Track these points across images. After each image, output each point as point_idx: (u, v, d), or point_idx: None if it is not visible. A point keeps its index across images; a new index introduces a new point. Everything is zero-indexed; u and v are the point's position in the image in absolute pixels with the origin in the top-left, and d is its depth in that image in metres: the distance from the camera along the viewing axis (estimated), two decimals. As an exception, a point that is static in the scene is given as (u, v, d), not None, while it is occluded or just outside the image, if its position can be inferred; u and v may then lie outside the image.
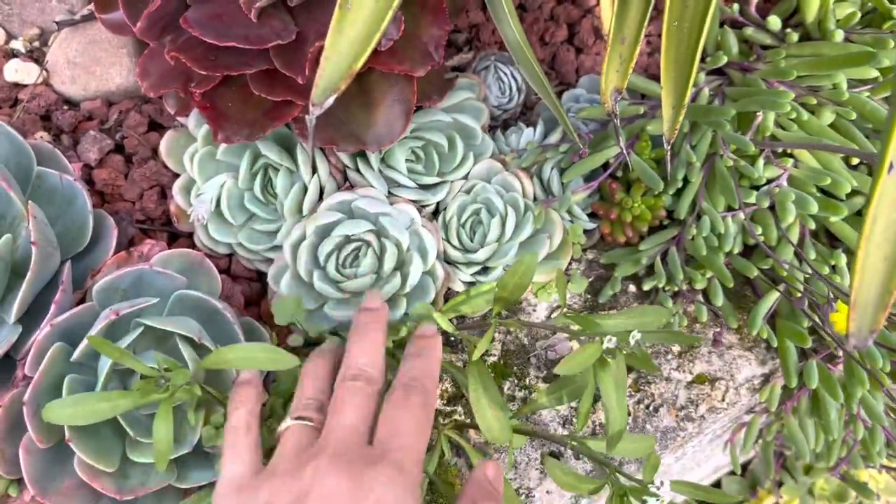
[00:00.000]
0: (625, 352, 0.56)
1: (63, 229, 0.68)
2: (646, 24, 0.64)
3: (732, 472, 1.44)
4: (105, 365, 0.60)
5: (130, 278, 0.65)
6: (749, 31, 0.85)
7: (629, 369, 0.76)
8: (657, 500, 0.55)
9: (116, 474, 0.61)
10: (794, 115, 0.78)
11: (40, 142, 0.72)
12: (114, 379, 0.63)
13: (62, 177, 0.68)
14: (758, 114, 0.77)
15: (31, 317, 0.64)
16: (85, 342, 0.60)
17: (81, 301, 0.67)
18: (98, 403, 0.57)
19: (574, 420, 0.73)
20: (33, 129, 0.76)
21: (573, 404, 0.74)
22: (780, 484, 1.30)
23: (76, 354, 0.60)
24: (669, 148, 0.69)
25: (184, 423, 0.62)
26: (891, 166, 0.43)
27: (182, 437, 0.63)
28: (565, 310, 0.62)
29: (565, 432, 0.72)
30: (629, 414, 0.74)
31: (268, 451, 0.56)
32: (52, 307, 0.61)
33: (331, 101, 0.52)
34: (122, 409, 0.57)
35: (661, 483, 0.55)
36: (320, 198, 0.74)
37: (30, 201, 0.63)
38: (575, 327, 0.58)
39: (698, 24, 0.63)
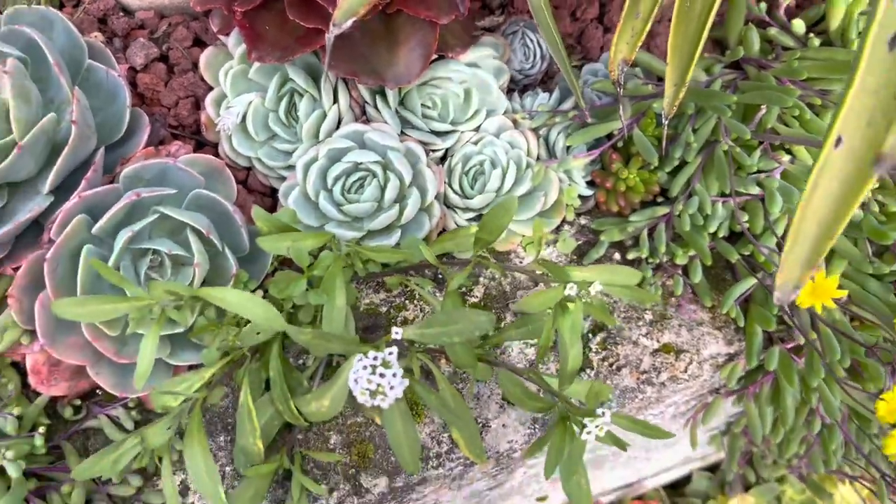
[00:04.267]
0: (584, 300, 0.61)
1: (102, 120, 0.75)
2: (660, 2, 0.69)
3: (705, 468, 1.48)
4: (119, 242, 0.67)
5: (155, 170, 0.72)
6: (773, 31, 0.89)
7: (599, 328, 0.80)
8: (600, 419, 0.59)
9: (117, 339, 0.68)
10: (797, 113, 0.81)
11: (94, 40, 0.79)
12: (125, 257, 0.70)
13: (108, 73, 0.75)
14: (762, 107, 0.81)
15: (62, 191, 0.71)
16: (105, 218, 0.66)
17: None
18: (101, 306, 0.63)
19: (537, 364, 0.78)
20: (90, 28, 0.83)
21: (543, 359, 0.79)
22: (745, 481, 1.33)
23: (96, 228, 0.67)
24: (666, 124, 0.73)
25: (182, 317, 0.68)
26: (838, 140, 0.47)
27: (178, 321, 0.70)
28: (540, 257, 0.67)
29: (531, 375, 0.78)
30: (592, 368, 0.78)
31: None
32: (83, 183, 0.68)
33: (349, 23, 0.58)
34: (121, 312, 0.63)
35: (603, 413, 0.60)
36: (338, 127, 0.80)
37: (77, 87, 0.70)
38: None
39: (707, 7, 0.67)
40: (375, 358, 0.55)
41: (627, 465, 1.14)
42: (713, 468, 1.48)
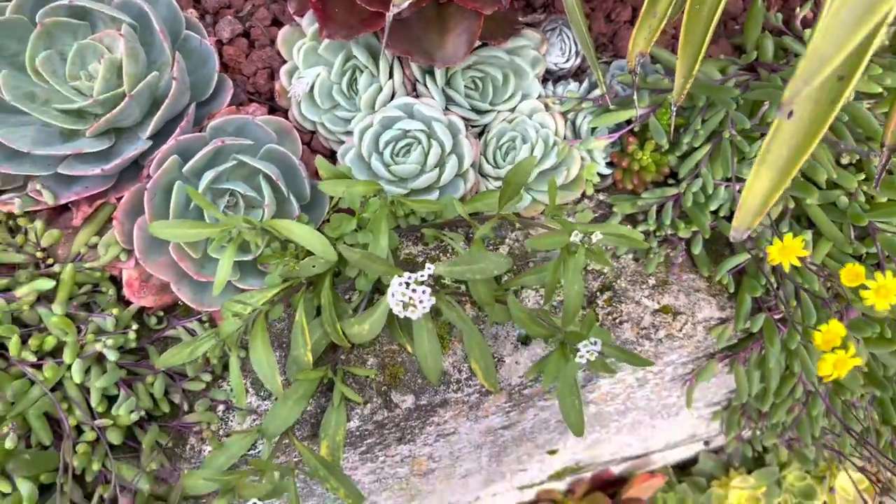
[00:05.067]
0: (586, 246, 0.73)
1: (194, 81, 0.89)
2: (673, 3, 0.80)
3: (711, 451, 1.57)
4: (205, 180, 0.81)
5: (236, 124, 0.85)
6: (787, 39, 0.99)
7: (606, 288, 0.92)
8: (591, 346, 0.70)
9: (197, 261, 0.82)
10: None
11: (190, 15, 0.93)
12: (208, 194, 0.83)
13: (201, 41, 0.89)
14: (765, 103, 0.92)
15: (159, 138, 0.85)
16: (195, 159, 0.80)
17: (197, 136, 0.88)
18: (189, 229, 0.77)
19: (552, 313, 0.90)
20: (186, 5, 0.98)
21: (551, 300, 0.91)
22: (746, 460, 1.42)
23: (186, 168, 0.81)
24: (676, 110, 0.85)
25: (252, 244, 0.82)
26: (790, 113, 0.58)
27: (248, 250, 0.83)
28: (552, 211, 0.79)
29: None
30: (597, 321, 0.90)
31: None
32: (177, 130, 0.82)
33: (406, 5, 0.70)
34: (204, 235, 0.77)
35: (595, 342, 0.71)
36: (391, 100, 0.92)
37: (177, 51, 0.84)
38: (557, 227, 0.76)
39: (713, 10, 0.78)
40: (410, 277, 0.67)
41: (633, 430, 1.25)
42: (719, 451, 1.57)
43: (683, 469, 1.58)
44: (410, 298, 0.67)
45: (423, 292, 0.67)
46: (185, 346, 0.75)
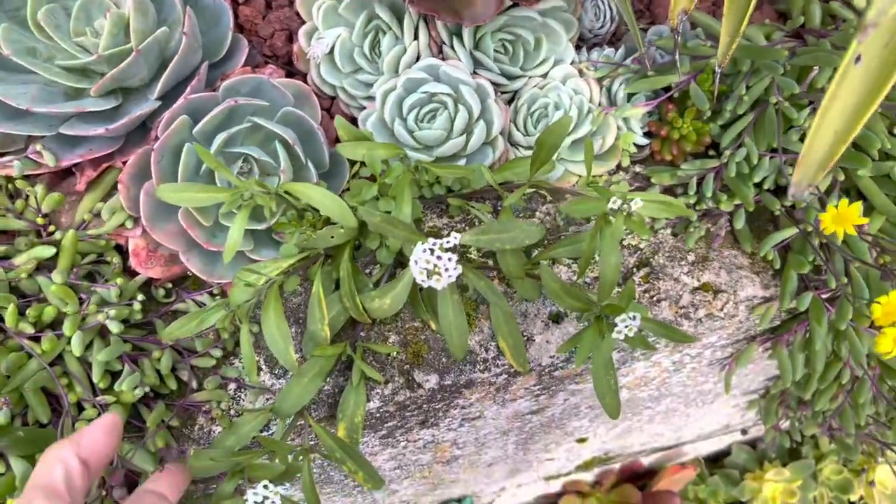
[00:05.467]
0: (626, 213, 0.67)
1: (207, 40, 0.83)
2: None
3: (746, 442, 1.51)
4: (216, 142, 0.75)
5: (251, 84, 0.80)
6: (835, 4, 0.93)
7: (643, 264, 0.86)
8: (630, 320, 0.65)
9: (208, 230, 0.77)
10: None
11: (202, -28, 0.88)
12: (219, 158, 0.78)
13: (215, -1, 0.84)
14: (813, 69, 0.86)
15: (168, 99, 0.79)
16: (206, 119, 0.75)
17: (209, 98, 0.82)
18: (199, 193, 0.72)
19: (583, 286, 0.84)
20: (199, -36, 0.92)
21: (584, 274, 0.85)
22: (782, 451, 1.36)
23: (196, 129, 0.76)
24: (720, 74, 0.79)
25: (266, 209, 0.77)
26: (857, 58, 0.52)
27: (261, 218, 0.78)
28: (588, 179, 0.73)
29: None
30: (634, 297, 0.84)
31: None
32: (188, 89, 0.77)
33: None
34: (215, 201, 0.71)
35: (634, 316, 0.66)
36: (416, 63, 0.87)
37: (188, 6, 0.78)
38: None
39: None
40: (435, 243, 0.62)
41: (666, 418, 1.19)
42: (754, 444, 1.51)
43: (715, 462, 1.52)
44: (435, 266, 0.61)
45: (449, 259, 0.61)
46: (192, 317, 0.70)
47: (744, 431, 1.42)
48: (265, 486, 0.63)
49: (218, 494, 0.69)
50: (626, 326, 0.65)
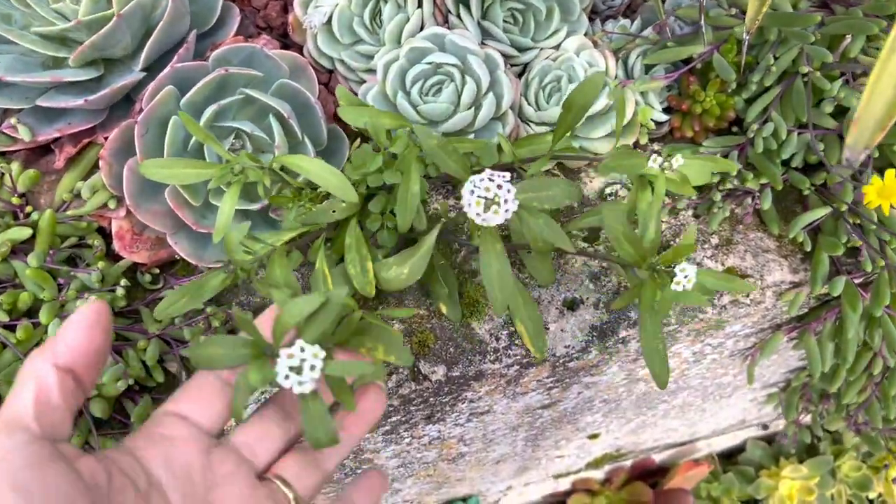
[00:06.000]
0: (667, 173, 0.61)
1: (196, 8, 0.78)
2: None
3: (761, 438, 1.46)
4: (206, 115, 0.70)
5: (244, 54, 0.74)
6: (864, -27, 0.87)
7: (663, 247, 0.80)
8: (681, 275, 0.59)
9: (197, 210, 0.71)
10: (881, 45, 0.80)
11: (191, -63, 0.82)
12: (210, 131, 0.72)
13: (203, -37, 0.78)
14: (846, 38, 0.80)
15: (154, 70, 0.74)
16: (194, 90, 0.69)
17: (199, 69, 0.77)
18: (187, 169, 0.65)
19: (600, 276, 0.78)
20: (188, -71, 0.87)
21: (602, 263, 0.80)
22: (801, 446, 1.31)
23: (184, 101, 0.70)
24: (748, 41, 0.73)
25: (260, 187, 0.71)
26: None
27: (255, 198, 0.72)
28: (619, 147, 0.67)
29: (591, 286, 0.78)
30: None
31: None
32: (175, 58, 0.71)
33: None
34: (203, 177, 0.65)
35: (691, 267, 0.59)
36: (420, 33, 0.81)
37: (174, -30, 0.73)
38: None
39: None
40: (491, 177, 0.55)
41: (681, 413, 1.14)
42: (769, 440, 1.46)
43: (729, 458, 1.47)
44: (496, 196, 0.55)
45: (509, 191, 0.55)
46: (186, 290, 0.63)
47: (765, 426, 1.37)
48: (302, 349, 0.45)
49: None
50: (686, 277, 0.59)
